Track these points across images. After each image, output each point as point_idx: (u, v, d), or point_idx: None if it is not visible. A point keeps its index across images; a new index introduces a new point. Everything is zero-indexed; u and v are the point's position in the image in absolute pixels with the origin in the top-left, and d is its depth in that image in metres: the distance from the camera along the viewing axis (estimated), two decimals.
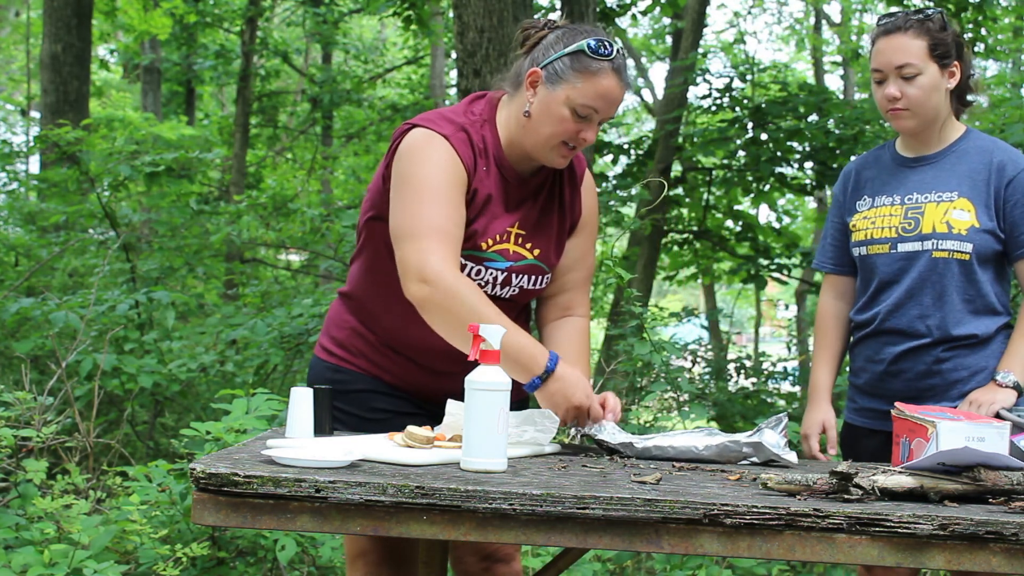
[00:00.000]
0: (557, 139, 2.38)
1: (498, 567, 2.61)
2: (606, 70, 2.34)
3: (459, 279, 2.28)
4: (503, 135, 2.44)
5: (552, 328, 2.58)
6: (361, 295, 2.54)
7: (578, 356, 2.52)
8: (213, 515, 1.82)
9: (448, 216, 2.31)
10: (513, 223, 2.45)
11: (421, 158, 2.35)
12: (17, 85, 18.43)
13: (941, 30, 2.65)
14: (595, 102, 2.35)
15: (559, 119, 2.36)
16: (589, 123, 2.37)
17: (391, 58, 17.93)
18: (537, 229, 2.48)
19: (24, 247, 7.81)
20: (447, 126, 2.39)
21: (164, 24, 13.29)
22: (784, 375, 8.96)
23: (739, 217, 9.55)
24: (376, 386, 2.53)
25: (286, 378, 6.21)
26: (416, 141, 2.38)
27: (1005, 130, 6.28)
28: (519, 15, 5.77)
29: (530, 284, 2.48)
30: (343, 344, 2.56)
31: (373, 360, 2.53)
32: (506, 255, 2.44)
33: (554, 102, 2.36)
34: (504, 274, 2.44)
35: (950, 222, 2.64)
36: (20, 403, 3.60)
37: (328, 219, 7.83)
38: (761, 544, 1.78)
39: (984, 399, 2.59)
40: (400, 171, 2.38)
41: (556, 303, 2.59)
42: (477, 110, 2.47)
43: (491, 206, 2.42)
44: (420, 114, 2.48)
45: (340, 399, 2.50)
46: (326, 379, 2.54)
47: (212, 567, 3.60)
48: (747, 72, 9.40)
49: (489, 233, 2.41)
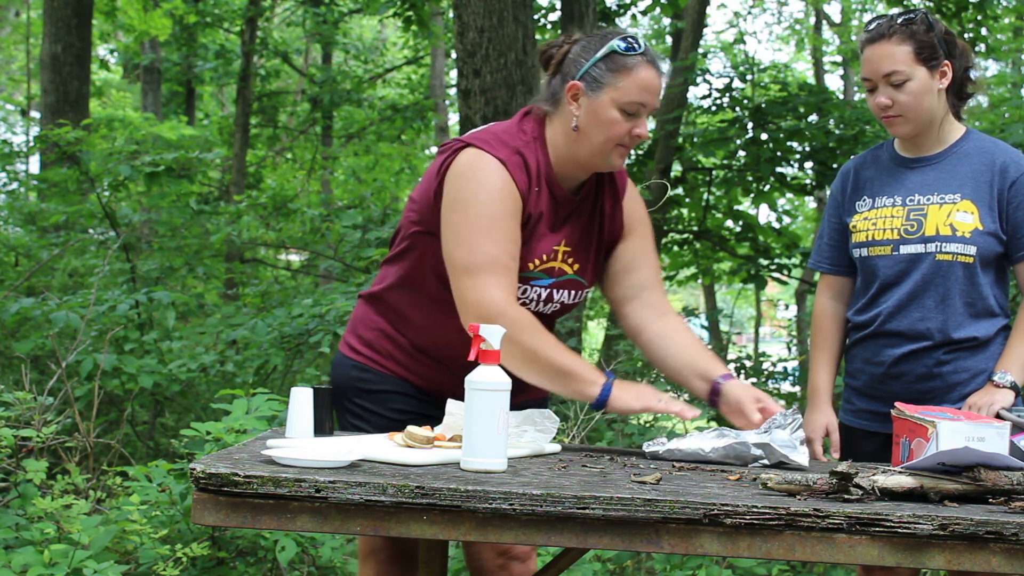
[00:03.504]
0: (612, 143, 2.40)
1: (514, 565, 2.62)
2: (642, 63, 2.38)
3: (518, 314, 2.33)
4: (553, 154, 2.45)
5: (656, 331, 2.56)
6: (395, 301, 2.54)
7: (698, 352, 2.52)
8: (213, 515, 1.82)
9: (505, 249, 2.34)
10: (560, 241, 2.47)
11: (477, 183, 2.35)
12: (17, 85, 18.43)
13: (926, 31, 2.61)
14: (640, 96, 2.38)
15: (610, 122, 2.38)
16: (638, 118, 2.40)
17: (391, 58, 17.94)
18: (579, 245, 2.51)
19: (24, 247, 7.82)
20: (502, 149, 2.39)
21: (164, 25, 13.29)
22: (784, 375, 8.96)
23: (739, 217, 9.54)
24: (403, 388, 2.54)
25: (286, 378, 6.21)
26: (471, 163, 2.37)
27: (1005, 130, 6.28)
28: (519, 15, 5.77)
29: (570, 299, 2.52)
30: (371, 344, 2.56)
31: (402, 363, 2.54)
32: (551, 273, 2.47)
33: (601, 108, 2.38)
34: (547, 291, 2.47)
35: (953, 224, 2.63)
36: (20, 403, 3.60)
37: (328, 219, 7.84)
38: (761, 544, 1.78)
39: (983, 401, 2.59)
40: (454, 194, 2.37)
41: (642, 305, 2.58)
42: (528, 128, 2.46)
43: (540, 227, 2.44)
44: (473, 132, 2.48)
45: (365, 398, 2.53)
46: (352, 377, 2.55)
47: (212, 567, 3.60)
48: (747, 72, 9.40)
49: (536, 253, 2.44)
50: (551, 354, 2.31)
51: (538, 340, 2.31)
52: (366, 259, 6.77)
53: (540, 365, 2.31)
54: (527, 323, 2.33)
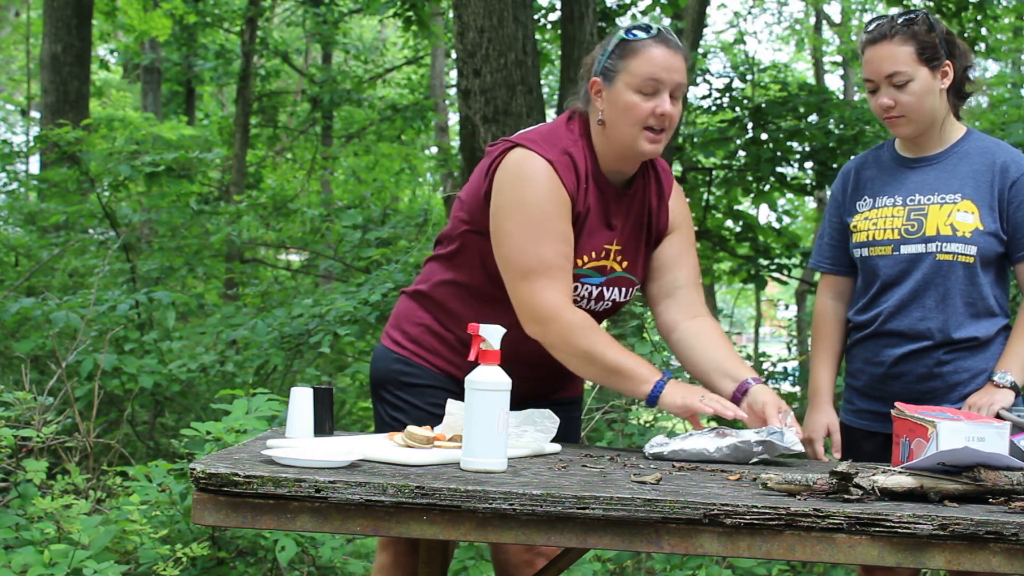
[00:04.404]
0: (637, 127, 2.40)
1: (540, 561, 2.62)
2: (649, 43, 2.41)
3: (573, 315, 2.37)
4: (598, 150, 2.48)
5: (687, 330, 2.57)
6: (443, 297, 2.56)
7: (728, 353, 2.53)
8: (213, 515, 1.82)
9: (558, 251, 2.37)
10: (612, 240, 2.50)
11: (526, 185, 2.38)
12: (17, 85, 18.43)
13: (928, 32, 2.61)
14: (651, 71, 2.39)
15: (630, 106, 2.39)
16: (659, 97, 2.40)
17: (391, 58, 17.93)
18: (629, 242, 2.53)
19: (24, 247, 7.81)
20: (551, 149, 2.41)
21: (164, 25, 13.28)
22: (784, 375, 8.96)
23: (739, 217, 9.54)
24: (445, 384, 2.55)
25: (286, 378, 6.21)
26: (521, 164, 2.40)
27: (1005, 130, 6.28)
28: (519, 15, 5.78)
29: (621, 296, 2.54)
30: (417, 340, 2.58)
31: (449, 359, 2.55)
32: (602, 271, 2.49)
33: (618, 95, 2.41)
34: (598, 289, 2.50)
35: (954, 224, 2.63)
36: (20, 403, 3.60)
37: (328, 219, 7.83)
38: (761, 544, 1.78)
39: (983, 401, 2.59)
40: (505, 196, 2.40)
41: (676, 304, 2.59)
42: (575, 128, 2.49)
43: (589, 224, 2.46)
44: (522, 132, 2.51)
45: (406, 391, 2.56)
46: (394, 370, 2.57)
47: (212, 567, 3.60)
48: (747, 72, 9.40)
49: (586, 251, 2.46)
50: (607, 353, 2.37)
51: (594, 340, 2.37)
52: (366, 259, 6.77)
53: (597, 366, 2.39)
54: (582, 324, 2.38)
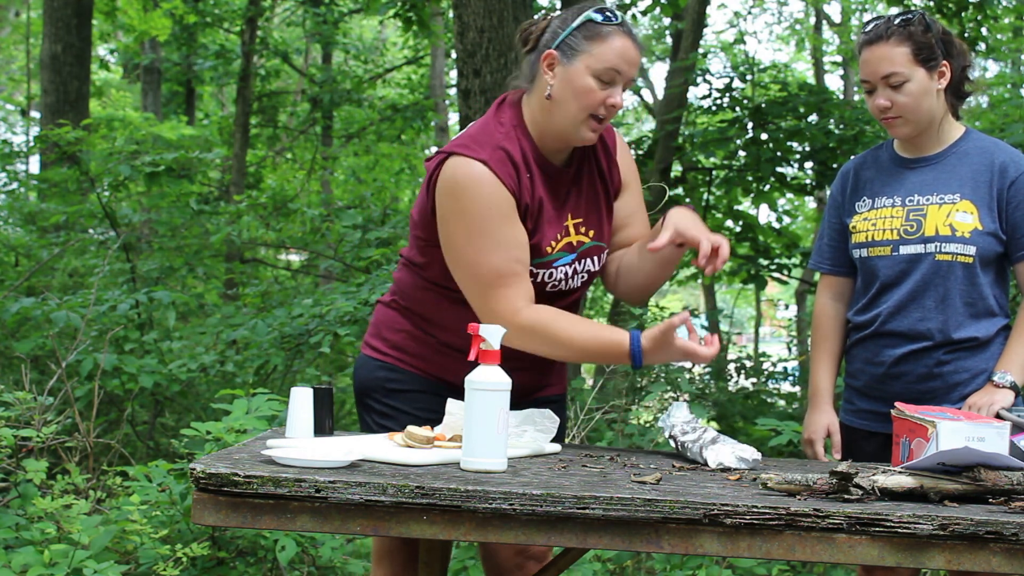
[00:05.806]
0: (586, 112, 2.39)
1: (531, 564, 2.61)
2: (617, 32, 2.39)
3: (534, 314, 2.37)
4: (534, 133, 2.45)
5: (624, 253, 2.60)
6: (418, 306, 2.55)
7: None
8: (213, 515, 1.82)
9: (508, 256, 2.36)
10: (567, 217, 2.48)
11: (465, 194, 2.35)
12: (17, 85, 18.43)
13: (924, 32, 2.61)
14: (615, 62, 2.37)
15: (585, 90, 2.37)
16: (614, 87, 2.39)
17: (391, 58, 17.92)
18: (588, 211, 2.52)
19: (24, 247, 7.82)
20: (483, 149, 2.37)
21: (164, 25, 13.28)
22: (784, 375, 8.97)
23: (739, 217, 9.54)
24: (432, 387, 2.53)
25: (286, 378, 6.21)
26: (455, 173, 2.36)
27: (1005, 130, 6.27)
28: (519, 15, 5.77)
29: (595, 265, 2.54)
30: (399, 346, 2.56)
31: (434, 361, 2.53)
32: (570, 248, 2.48)
33: (576, 75, 2.37)
34: (571, 267, 2.49)
35: (953, 224, 2.63)
36: (20, 403, 3.60)
37: (328, 219, 7.83)
38: (761, 544, 1.78)
39: (983, 402, 2.59)
40: (446, 209, 2.38)
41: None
42: (506, 118, 2.46)
43: (545, 211, 2.44)
44: (453, 139, 2.47)
45: (393, 397, 2.53)
46: (379, 377, 2.55)
47: (212, 567, 3.60)
48: (747, 72, 9.40)
49: (550, 237, 2.45)
50: (574, 340, 2.38)
51: (557, 331, 2.37)
52: (366, 259, 6.77)
53: (573, 350, 2.40)
54: (543, 320, 2.37)
